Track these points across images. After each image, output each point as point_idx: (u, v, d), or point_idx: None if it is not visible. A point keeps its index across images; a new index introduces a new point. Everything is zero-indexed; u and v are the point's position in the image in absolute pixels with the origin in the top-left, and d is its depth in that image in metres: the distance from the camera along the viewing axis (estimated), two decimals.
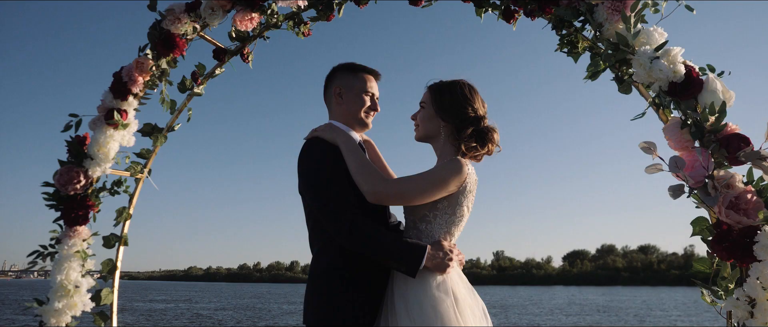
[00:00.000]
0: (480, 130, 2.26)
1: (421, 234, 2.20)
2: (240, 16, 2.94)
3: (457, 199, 2.19)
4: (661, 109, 2.48)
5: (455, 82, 2.35)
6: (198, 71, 3.38)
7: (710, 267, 2.33)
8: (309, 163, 2.20)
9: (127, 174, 3.31)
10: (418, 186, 2.13)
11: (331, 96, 2.39)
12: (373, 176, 2.11)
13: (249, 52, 3.40)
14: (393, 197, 2.12)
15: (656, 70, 2.06)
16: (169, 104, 3.26)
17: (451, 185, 2.15)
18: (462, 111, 2.26)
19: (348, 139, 2.23)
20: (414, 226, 2.23)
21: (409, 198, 2.14)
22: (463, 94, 2.29)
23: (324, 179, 2.14)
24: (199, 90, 3.44)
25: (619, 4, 2.15)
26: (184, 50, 3.04)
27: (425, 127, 2.34)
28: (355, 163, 2.16)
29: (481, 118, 2.29)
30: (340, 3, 3.16)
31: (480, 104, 2.31)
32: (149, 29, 2.97)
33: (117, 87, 3.01)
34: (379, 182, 2.10)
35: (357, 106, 2.34)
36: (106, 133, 2.99)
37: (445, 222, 2.21)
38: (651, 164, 2.18)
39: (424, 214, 2.20)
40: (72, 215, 2.91)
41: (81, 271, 2.95)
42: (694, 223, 2.44)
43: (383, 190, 2.09)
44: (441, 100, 2.30)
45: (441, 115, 2.30)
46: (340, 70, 2.40)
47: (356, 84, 2.36)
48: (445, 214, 2.20)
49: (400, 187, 2.14)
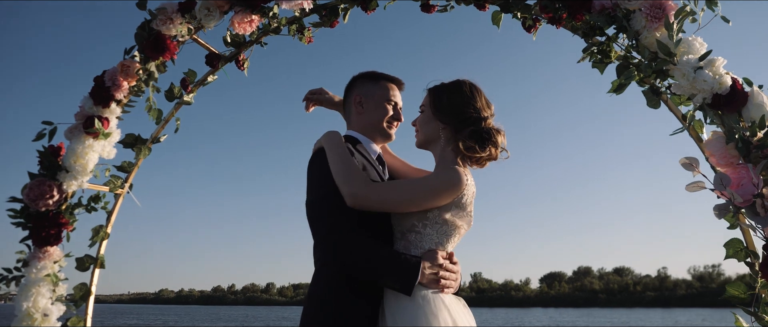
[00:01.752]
0: (480, 131, 2.07)
1: (410, 245, 2.03)
2: (238, 18, 2.71)
3: (449, 210, 2.01)
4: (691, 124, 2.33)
5: (455, 81, 2.19)
6: (188, 78, 3.14)
7: (745, 292, 2.20)
8: (310, 176, 2.06)
9: (106, 189, 3.02)
10: (406, 194, 1.96)
11: (350, 105, 2.27)
12: (354, 178, 1.93)
13: (244, 58, 3.18)
14: (376, 203, 1.94)
15: (700, 81, 1.91)
16: (156, 113, 3.00)
17: (444, 197, 1.97)
18: (461, 110, 2.09)
19: (333, 137, 2.07)
20: (402, 236, 2.05)
21: (394, 205, 1.97)
22: (463, 93, 2.12)
23: (317, 196, 1.99)
24: (189, 98, 3.19)
25: (660, 11, 2.00)
26: (175, 54, 2.80)
27: (424, 130, 2.18)
28: (336, 162, 1.98)
29: (482, 118, 2.10)
30: (345, 8, 2.96)
31: (483, 104, 2.13)
32: (137, 29, 2.72)
33: (98, 92, 2.75)
34: (360, 185, 1.91)
35: (379, 115, 2.22)
36: (84, 143, 2.71)
37: (436, 232, 2.03)
38: (692, 182, 2.01)
39: (412, 223, 2.03)
40: (42, 234, 2.62)
41: (51, 298, 2.64)
42: (728, 245, 2.29)
43: (364, 194, 1.90)
44: (439, 101, 2.14)
45: (439, 116, 2.13)
46: (361, 78, 2.29)
47: (378, 92, 2.24)
48: (435, 224, 2.02)
49: (386, 193, 1.96)
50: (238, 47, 3.16)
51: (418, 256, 1.94)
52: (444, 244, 2.05)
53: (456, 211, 2.02)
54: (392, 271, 1.87)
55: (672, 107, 2.37)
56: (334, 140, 2.06)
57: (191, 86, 3.19)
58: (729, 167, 1.95)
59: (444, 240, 2.04)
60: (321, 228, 1.94)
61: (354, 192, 1.90)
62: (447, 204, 2.00)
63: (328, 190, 1.94)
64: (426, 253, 1.99)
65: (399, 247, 2.04)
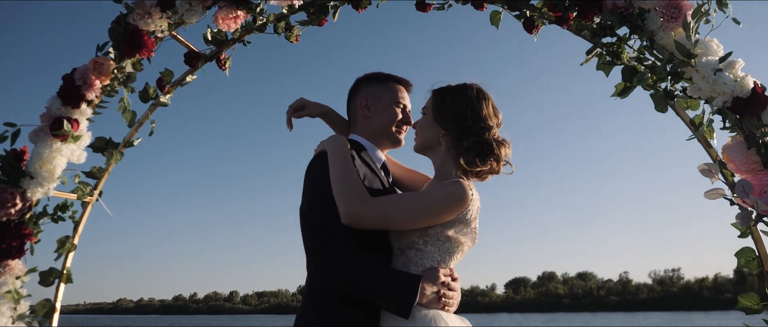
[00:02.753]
0: (482, 142, 1.93)
1: (409, 262, 1.89)
2: (223, 13, 2.53)
3: (452, 226, 1.88)
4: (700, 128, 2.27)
5: (462, 85, 2.05)
6: (165, 77, 2.93)
7: (758, 302, 2.14)
8: (308, 180, 1.94)
9: (74, 196, 2.78)
10: (406, 210, 1.82)
11: (355, 109, 2.13)
12: (352, 194, 1.78)
13: (226, 57, 2.99)
14: (374, 221, 1.80)
15: (721, 84, 1.83)
16: (130, 115, 2.77)
17: (448, 214, 1.84)
18: (464, 118, 1.96)
19: (338, 144, 1.93)
20: (401, 253, 1.92)
21: (393, 223, 1.83)
22: (468, 99, 1.99)
23: (313, 204, 1.86)
24: (165, 99, 2.98)
25: (676, 11, 1.92)
26: (152, 51, 2.58)
27: (424, 135, 2.06)
28: (336, 174, 1.84)
29: (487, 128, 1.97)
30: (335, 5, 2.81)
31: (490, 112, 2.00)
32: (111, 24, 2.50)
33: (68, 92, 2.51)
34: (356, 203, 1.77)
35: (387, 118, 2.09)
36: (51, 147, 2.47)
37: (437, 249, 1.89)
38: (711, 189, 1.93)
39: (412, 239, 1.89)
40: (3, 246, 2.38)
41: (12, 316, 2.40)
42: (739, 254, 2.23)
43: (360, 213, 1.76)
44: (442, 105, 2.01)
45: (441, 121, 2.00)
46: (367, 79, 2.15)
47: (386, 94, 2.11)
48: (437, 240, 1.89)
49: (384, 209, 1.81)
50: (219, 45, 2.97)
51: (417, 275, 1.81)
52: (446, 262, 1.92)
53: (460, 227, 1.89)
54: (388, 293, 1.75)
55: (679, 111, 2.30)
56: (338, 147, 1.91)
57: (168, 86, 2.98)
58: (749, 174, 1.89)
59: (446, 257, 1.91)
60: (313, 241, 1.82)
61: (350, 210, 1.76)
62: (450, 220, 1.87)
63: (324, 199, 1.82)
64: (426, 272, 1.86)
65: (398, 264, 1.91)
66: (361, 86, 2.15)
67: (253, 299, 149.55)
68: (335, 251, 1.76)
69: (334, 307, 1.79)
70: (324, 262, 1.76)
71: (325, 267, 1.75)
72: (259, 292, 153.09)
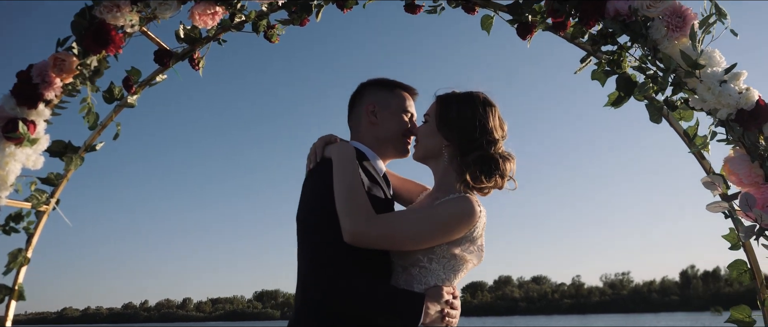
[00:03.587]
0: (488, 157, 1.85)
1: (412, 280, 1.79)
2: (200, 8, 2.34)
3: (459, 244, 1.80)
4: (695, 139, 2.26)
5: (469, 93, 1.96)
6: (132, 77, 2.71)
7: (749, 315, 2.15)
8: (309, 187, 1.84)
9: (28, 205, 2.53)
10: (413, 229, 1.74)
11: (360, 115, 2.01)
12: (359, 213, 1.69)
13: (200, 57, 2.80)
14: (379, 240, 1.71)
15: (726, 95, 1.80)
16: (93, 117, 2.55)
17: (456, 232, 1.76)
18: (470, 129, 1.86)
19: (346, 153, 1.81)
20: (404, 270, 1.82)
21: (399, 243, 1.75)
22: (474, 109, 1.89)
23: (312, 216, 1.77)
24: (133, 100, 2.77)
25: (681, 20, 1.88)
26: (120, 48, 2.38)
27: (425, 144, 1.96)
28: (342, 189, 1.73)
29: (493, 141, 1.88)
30: (319, 5, 2.67)
31: (496, 125, 1.91)
32: (75, 17, 2.28)
33: (23, 90, 2.28)
34: (362, 222, 1.67)
35: (396, 126, 1.99)
36: (4, 151, 2.24)
37: (442, 267, 1.80)
38: (713, 202, 1.90)
39: (417, 257, 1.79)
40: None
41: None
42: (731, 267, 2.24)
43: (365, 232, 1.67)
44: (447, 114, 1.91)
45: (444, 131, 1.90)
46: (372, 85, 2.05)
47: (394, 101, 2.02)
48: (442, 258, 1.80)
49: (390, 229, 1.73)
50: (192, 44, 2.78)
51: (421, 294, 1.73)
52: (450, 280, 1.83)
53: (466, 245, 1.81)
54: (392, 313, 1.68)
55: (673, 122, 2.28)
56: (346, 158, 1.79)
57: (135, 86, 2.77)
58: (753, 187, 1.86)
59: (451, 276, 1.83)
60: (312, 258, 1.72)
61: (354, 230, 1.66)
62: (458, 238, 1.78)
63: (326, 211, 1.71)
64: (430, 290, 1.76)
65: (400, 281, 1.81)
66: (367, 92, 2.05)
67: (207, 306, 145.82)
68: (336, 269, 1.68)
69: None
70: (321, 283, 1.67)
71: (323, 291, 1.66)
72: (213, 298, 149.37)
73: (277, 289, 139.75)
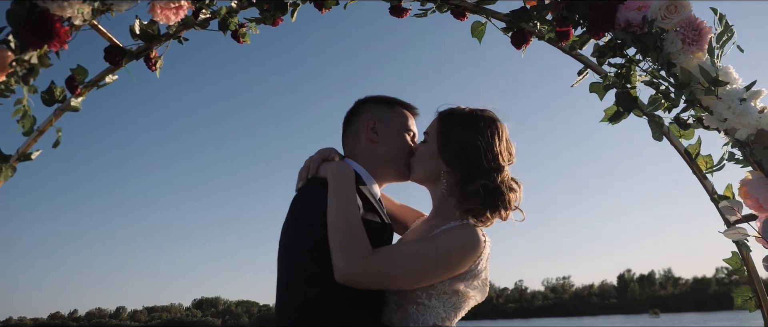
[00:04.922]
0: (491, 188, 1.66)
1: (409, 318, 1.62)
2: (163, 2, 2.05)
3: (462, 280, 1.63)
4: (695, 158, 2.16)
5: (474, 112, 1.77)
6: (77, 76, 2.38)
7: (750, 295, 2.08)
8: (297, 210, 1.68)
9: None
10: (413, 267, 1.56)
11: (358, 132, 1.83)
12: (354, 249, 1.49)
13: (157, 56, 2.49)
14: (375, 281, 1.53)
15: (747, 115, 1.69)
16: (29, 121, 2.20)
17: (460, 266, 1.60)
18: (473, 155, 1.68)
19: (344, 176, 1.61)
20: (399, 307, 1.64)
21: (396, 283, 1.58)
22: (480, 132, 1.70)
23: (300, 243, 1.60)
24: (77, 103, 2.43)
25: (696, 33, 1.76)
26: (65, 42, 2.04)
27: (422, 166, 1.78)
28: (338, 223, 1.52)
29: (498, 169, 1.70)
30: (295, 3, 2.42)
31: (502, 149, 1.74)
32: (12, 5, 1.94)
33: None
34: (357, 261, 1.48)
35: (397, 145, 1.82)
36: None
37: (442, 305, 1.63)
38: (732, 228, 1.79)
39: (416, 294, 1.61)
40: None
41: None
42: (736, 294, 2.16)
43: (361, 272, 1.48)
44: (448, 135, 1.72)
45: (445, 155, 1.72)
46: (371, 101, 1.90)
47: (396, 119, 1.86)
48: (443, 295, 1.63)
49: (388, 267, 1.54)
50: (149, 41, 2.47)
51: None
52: (450, 319, 1.66)
53: (470, 280, 1.64)
54: None
55: (674, 140, 2.18)
56: (343, 181, 1.58)
57: (81, 87, 2.43)
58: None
59: (451, 314, 1.66)
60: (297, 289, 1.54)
61: (348, 270, 1.47)
62: (461, 273, 1.61)
63: (316, 239, 1.53)
64: None
65: (394, 319, 1.63)
66: (366, 108, 1.88)
67: (142, 315, 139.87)
68: (322, 307, 1.51)
69: None
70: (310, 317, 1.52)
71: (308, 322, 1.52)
72: (149, 306, 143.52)
73: (218, 296, 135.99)
